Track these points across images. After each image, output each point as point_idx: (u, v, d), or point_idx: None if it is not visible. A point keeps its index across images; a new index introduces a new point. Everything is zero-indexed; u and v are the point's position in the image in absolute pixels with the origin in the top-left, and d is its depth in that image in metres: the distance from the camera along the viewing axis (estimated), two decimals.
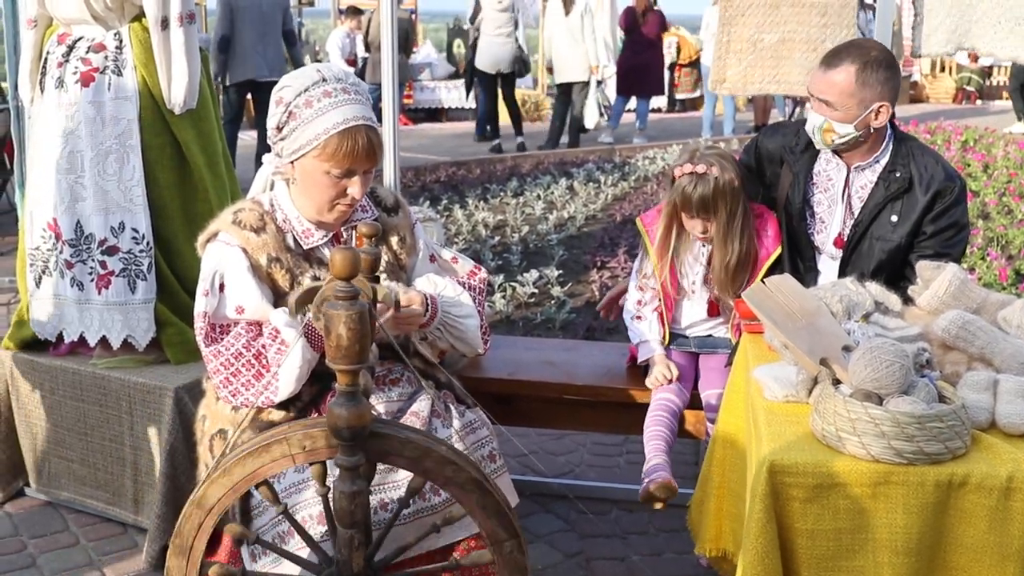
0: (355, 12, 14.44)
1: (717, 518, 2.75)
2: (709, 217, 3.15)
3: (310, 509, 2.41)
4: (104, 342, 3.49)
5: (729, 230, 3.16)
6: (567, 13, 11.92)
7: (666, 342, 3.32)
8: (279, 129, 2.56)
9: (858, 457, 2.02)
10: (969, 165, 9.02)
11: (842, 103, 2.98)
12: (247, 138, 10.63)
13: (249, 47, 9.02)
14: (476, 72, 12.23)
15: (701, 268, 3.28)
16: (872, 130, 3.05)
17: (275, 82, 2.67)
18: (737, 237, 3.15)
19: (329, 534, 2.24)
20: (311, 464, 2.17)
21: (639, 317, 3.35)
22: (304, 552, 2.29)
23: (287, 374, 2.50)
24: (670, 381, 3.21)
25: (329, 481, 2.35)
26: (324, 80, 2.54)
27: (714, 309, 3.31)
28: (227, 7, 9.00)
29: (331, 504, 2.18)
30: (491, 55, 11.92)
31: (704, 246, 3.25)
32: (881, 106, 2.99)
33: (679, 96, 16.81)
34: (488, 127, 12.71)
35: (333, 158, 2.51)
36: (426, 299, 2.64)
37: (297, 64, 9.76)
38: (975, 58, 18.51)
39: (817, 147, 3.14)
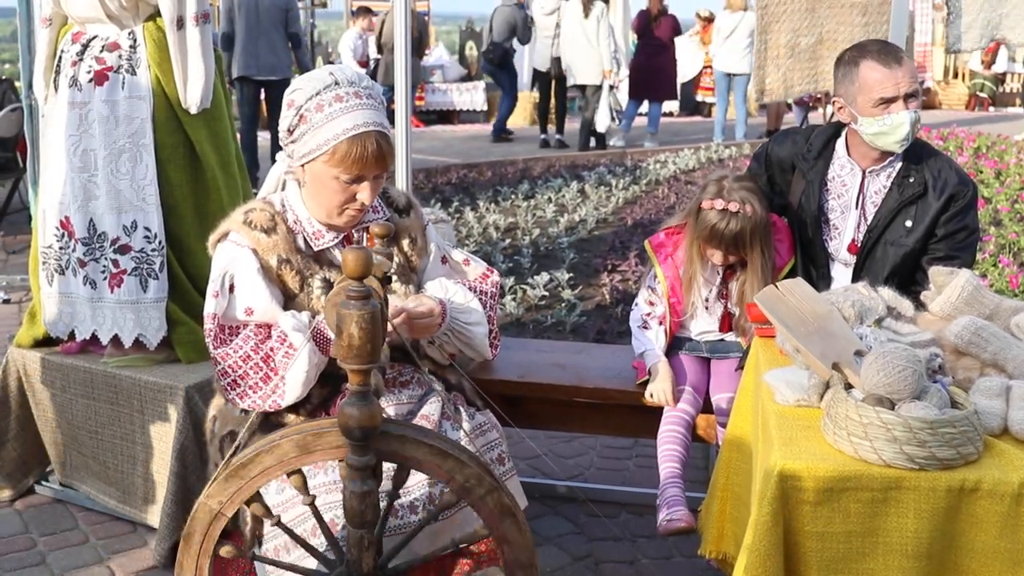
0: (367, 13, 14.48)
1: (720, 520, 2.75)
2: (736, 251, 3.14)
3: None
4: (116, 340, 3.50)
5: (763, 272, 3.13)
6: (586, 16, 11.94)
7: (665, 350, 3.30)
8: (290, 132, 2.55)
9: (870, 462, 2.02)
10: (981, 172, 8.99)
11: (918, 88, 3.02)
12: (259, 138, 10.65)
13: (241, 45, 9.17)
14: (534, 71, 13.13)
15: (714, 287, 3.27)
16: None
17: (272, 81, 2.67)
18: (769, 275, 3.12)
19: (328, 541, 2.24)
20: (290, 475, 2.17)
21: (646, 326, 3.34)
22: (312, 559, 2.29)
23: (294, 378, 2.49)
24: (675, 401, 3.18)
25: (323, 490, 2.36)
26: (336, 84, 2.52)
27: (727, 324, 3.30)
28: (228, 4, 9.22)
29: (323, 512, 2.20)
30: (543, 56, 12.66)
31: (718, 268, 3.24)
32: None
33: (705, 99, 16.77)
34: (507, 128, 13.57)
35: (342, 164, 2.49)
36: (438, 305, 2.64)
37: (302, 66, 9.84)
38: (988, 64, 18.48)
39: (901, 148, 3.05)
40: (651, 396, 3.19)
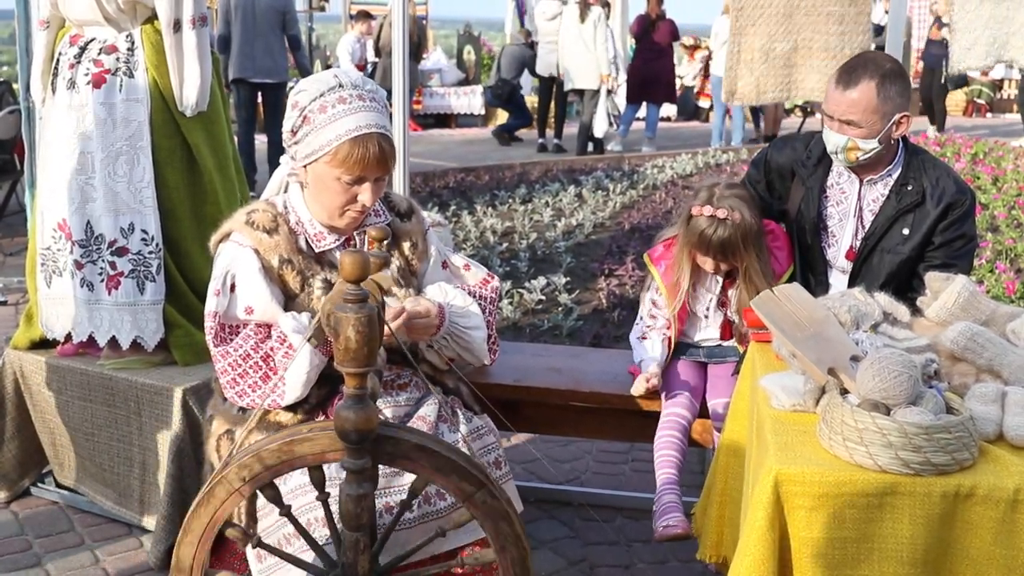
0: (365, 17, 14.50)
1: (719, 525, 2.75)
2: (726, 259, 3.14)
3: (316, 512, 2.40)
4: (113, 343, 3.50)
5: (760, 279, 3.12)
6: (583, 20, 11.96)
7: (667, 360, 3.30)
8: (293, 133, 2.57)
9: (865, 467, 2.02)
10: (979, 178, 9.00)
11: (866, 120, 2.95)
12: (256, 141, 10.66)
13: (238, 47, 9.20)
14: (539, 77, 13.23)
15: (714, 296, 3.27)
16: (892, 141, 3.05)
17: (269, 84, 2.68)
18: (767, 281, 3.10)
19: (332, 538, 2.24)
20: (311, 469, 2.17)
21: (644, 337, 3.33)
22: (309, 554, 2.28)
23: (294, 378, 2.50)
24: (654, 390, 3.20)
25: (329, 487, 2.36)
26: (340, 86, 2.54)
27: (728, 332, 3.30)
28: (225, 6, 9.23)
29: (337, 507, 2.18)
30: (545, 61, 12.78)
31: (716, 277, 3.24)
32: (903, 116, 2.99)
33: (702, 104, 16.84)
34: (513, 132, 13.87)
35: (344, 164, 2.51)
36: (436, 307, 2.65)
37: (301, 68, 9.85)
38: (986, 71, 18.48)
39: (840, 166, 3.11)
40: (636, 392, 3.22)
